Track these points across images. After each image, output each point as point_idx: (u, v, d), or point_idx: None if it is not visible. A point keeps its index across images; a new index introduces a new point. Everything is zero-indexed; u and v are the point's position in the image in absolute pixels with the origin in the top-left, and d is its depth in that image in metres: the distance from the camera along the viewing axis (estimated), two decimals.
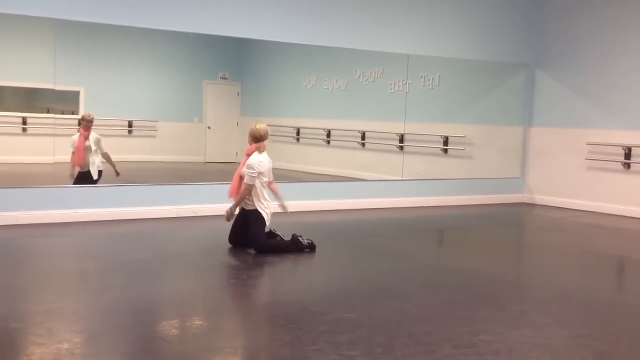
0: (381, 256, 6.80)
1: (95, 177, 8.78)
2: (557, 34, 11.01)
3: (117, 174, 8.91)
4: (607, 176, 10.38)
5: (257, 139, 6.51)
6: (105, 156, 8.93)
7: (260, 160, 6.43)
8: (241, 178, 6.49)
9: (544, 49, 11.17)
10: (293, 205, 8.61)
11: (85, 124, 8.96)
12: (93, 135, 8.94)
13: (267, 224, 6.49)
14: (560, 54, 10.97)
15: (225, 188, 7.19)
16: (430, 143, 11.49)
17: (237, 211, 6.57)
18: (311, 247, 6.57)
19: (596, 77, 10.52)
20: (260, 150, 6.50)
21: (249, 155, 6.54)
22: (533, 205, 11.24)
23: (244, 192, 6.39)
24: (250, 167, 6.39)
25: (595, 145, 10.45)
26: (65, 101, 11.22)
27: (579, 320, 4.72)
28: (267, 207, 6.47)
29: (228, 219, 6.59)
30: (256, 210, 6.42)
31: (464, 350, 3.90)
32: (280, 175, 6.68)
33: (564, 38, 10.93)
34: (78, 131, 9.09)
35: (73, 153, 8.92)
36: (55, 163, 9.45)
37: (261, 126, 6.59)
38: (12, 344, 3.91)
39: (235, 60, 13.81)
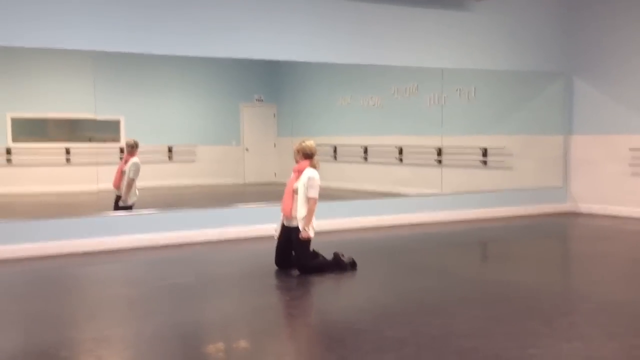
0: (423, 272, 6.75)
1: (127, 203, 8.88)
2: (593, 40, 10.86)
3: (123, 202, 8.90)
4: None
5: (309, 155, 6.56)
6: (128, 180, 8.97)
7: (318, 176, 6.48)
8: (293, 193, 6.50)
9: (580, 57, 11.03)
10: (332, 223, 8.64)
11: (129, 149, 9.12)
12: (132, 160, 9.07)
13: (303, 235, 6.45)
14: (597, 61, 10.82)
15: (266, 209, 7.27)
16: (469, 155, 11.40)
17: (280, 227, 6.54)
18: (352, 265, 6.56)
19: (634, 83, 10.33)
20: (316, 167, 6.55)
21: (299, 171, 6.54)
22: (578, 214, 11.04)
23: (313, 207, 6.42)
24: (314, 179, 6.42)
25: (638, 150, 10.24)
26: (106, 130, 11.47)
27: (629, 331, 4.60)
28: (311, 223, 6.48)
29: (307, 237, 6.45)
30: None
31: None
32: (320, 194, 6.68)
33: (600, 45, 10.78)
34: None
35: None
36: (99, 191, 9.65)
37: (311, 142, 6.64)
38: None
39: (270, 82, 13.95)
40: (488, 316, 4.98)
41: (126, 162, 9.10)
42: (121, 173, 9.04)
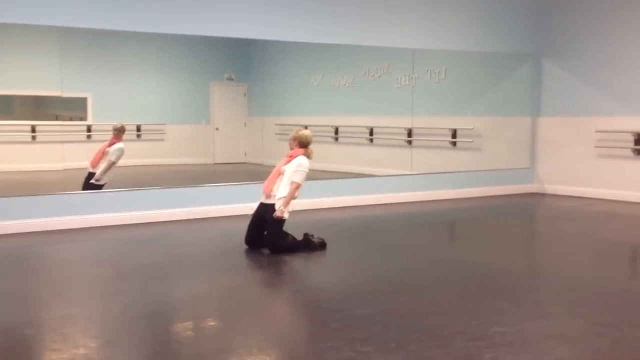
0: (392, 251, 6.80)
1: (100, 182, 8.80)
2: (562, 22, 10.96)
3: (96, 180, 8.85)
4: (618, 163, 10.33)
5: (305, 144, 6.65)
6: (109, 163, 8.90)
7: (307, 163, 6.55)
8: (279, 174, 6.53)
9: (550, 39, 11.12)
10: (303, 203, 8.64)
11: (116, 133, 9.03)
12: (118, 145, 8.96)
13: (278, 214, 6.44)
14: (566, 43, 10.92)
15: (236, 189, 7.24)
16: (438, 136, 11.47)
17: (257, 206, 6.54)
18: (322, 246, 6.59)
19: (603, 65, 10.46)
20: (309, 156, 6.62)
21: (291, 157, 6.60)
22: (544, 195, 11.20)
23: (294, 191, 6.43)
24: (303, 166, 6.48)
25: (604, 132, 10.41)
26: (73, 108, 11.29)
27: (593, 310, 4.70)
28: (292, 206, 6.50)
29: (281, 219, 6.43)
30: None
31: (477, 343, 3.90)
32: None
33: (569, 27, 10.87)
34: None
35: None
36: (64, 170, 9.51)
37: (308, 132, 6.76)
38: (29, 350, 3.94)
39: (241, 61, 13.84)
40: (455, 295, 5.05)
41: (111, 144, 8.97)
42: (103, 153, 8.92)
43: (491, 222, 9.07)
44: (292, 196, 6.44)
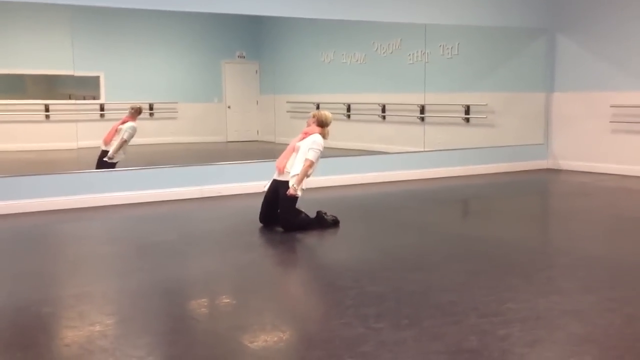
0: (405, 228, 6.80)
1: (113, 160, 8.88)
2: None
3: (109, 158, 8.90)
4: (632, 138, 10.24)
5: (323, 124, 6.64)
6: (121, 141, 8.94)
7: (322, 142, 6.53)
8: (293, 151, 6.52)
9: (564, 13, 10.97)
10: (315, 180, 8.63)
11: (132, 112, 9.10)
12: (130, 123, 9.03)
13: (292, 191, 6.41)
14: (581, 18, 10.77)
15: (248, 167, 7.25)
16: (451, 113, 11.40)
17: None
18: (335, 224, 6.59)
19: (618, 39, 10.32)
20: (324, 136, 6.60)
21: (307, 133, 6.58)
22: (558, 170, 11.13)
23: (307, 169, 6.40)
24: (318, 144, 6.46)
25: (619, 107, 10.30)
26: (86, 87, 11.31)
27: (606, 285, 4.69)
28: (305, 184, 6.47)
29: (294, 196, 6.41)
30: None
31: (490, 319, 3.90)
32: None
33: (584, 1, 10.72)
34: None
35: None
36: (79, 149, 9.56)
37: (329, 113, 6.75)
38: (46, 328, 4.00)
39: (252, 39, 13.78)
40: (468, 271, 5.05)
41: (123, 122, 9.03)
42: (116, 131, 8.98)
43: (504, 198, 9.03)
44: (305, 174, 6.42)
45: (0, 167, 9.64)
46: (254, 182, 8.40)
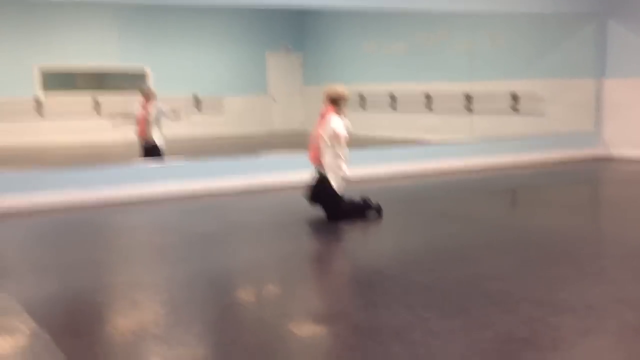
0: (453, 219, 6.74)
1: (162, 151, 9.05)
2: None
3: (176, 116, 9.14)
4: None
5: (334, 100, 6.29)
6: (170, 114, 9.20)
7: (342, 125, 6.26)
8: (318, 139, 6.35)
9: None
10: (360, 171, 8.62)
11: (145, 96, 9.17)
12: (154, 106, 9.13)
13: (337, 187, 6.39)
14: (632, 2, 10.47)
15: (294, 158, 7.27)
16: (499, 102, 11.23)
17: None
18: (378, 211, 6.52)
19: None
20: (341, 113, 6.32)
21: (323, 116, 6.35)
22: (610, 159, 10.87)
23: (338, 162, 6.27)
24: (337, 133, 6.20)
25: None
26: (134, 80, 11.51)
27: None
28: (338, 172, 6.36)
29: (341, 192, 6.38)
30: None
31: (542, 308, 3.84)
32: (348, 143, 6.64)
33: None
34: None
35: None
36: (128, 141, 9.73)
37: (338, 87, 6.34)
38: (99, 316, 4.09)
39: (296, 31, 13.80)
40: (517, 261, 4.98)
41: (145, 109, 9.13)
42: (144, 121, 9.12)
43: (555, 187, 8.86)
44: (338, 168, 6.30)
45: (54, 159, 9.90)
46: (298, 172, 8.44)
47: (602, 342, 3.44)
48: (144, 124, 9.11)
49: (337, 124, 6.27)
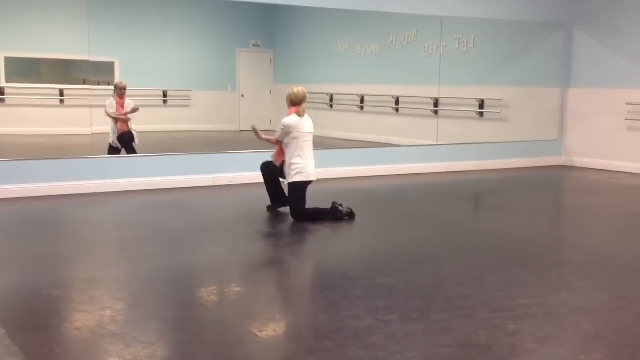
0: (417, 222, 6.78)
1: (136, 140, 8.97)
2: None
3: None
4: None
5: (294, 102, 6.43)
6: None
7: (292, 120, 6.36)
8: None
9: (582, 8, 10.86)
10: (327, 172, 8.63)
11: (120, 92, 9.04)
12: (128, 103, 9.04)
13: (287, 180, 6.44)
14: (599, 13, 10.66)
15: (261, 156, 7.24)
16: (465, 107, 11.34)
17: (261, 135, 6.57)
18: (350, 216, 6.53)
19: (636, 36, 10.20)
20: (300, 114, 6.42)
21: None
22: (572, 167, 11.06)
23: (272, 139, 6.49)
24: (282, 124, 6.37)
25: (635, 105, 10.19)
26: (100, 72, 11.34)
27: (618, 284, 4.66)
28: (296, 168, 6.37)
29: (255, 132, 6.53)
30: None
31: (501, 314, 3.89)
32: (315, 142, 6.65)
33: None
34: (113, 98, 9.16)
35: (113, 118, 9.05)
36: (93, 134, 9.59)
37: (298, 89, 6.47)
38: (57, 311, 4.02)
39: (268, 27, 13.74)
40: (479, 266, 5.03)
41: (122, 106, 9.02)
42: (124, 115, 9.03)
43: (517, 193, 8.99)
44: (269, 141, 6.49)
45: (15, 150, 9.70)
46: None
47: (560, 350, 3.49)
48: (124, 120, 9.02)
49: (289, 118, 6.39)
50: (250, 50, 13.80)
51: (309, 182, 6.47)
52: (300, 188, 6.42)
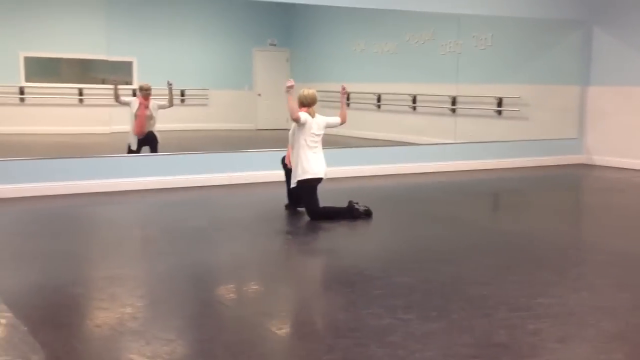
0: (435, 220, 6.76)
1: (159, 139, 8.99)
2: None
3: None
4: None
5: (305, 104, 6.47)
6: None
7: (307, 116, 6.37)
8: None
9: (602, 5, 10.75)
10: (344, 170, 8.62)
11: (145, 93, 9.03)
12: (153, 104, 9.04)
13: (295, 179, 6.40)
14: (619, 10, 10.55)
15: (277, 154, 7.25)
16: (483, 105, 11.27)
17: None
18: (367, 214, 6.52)
19: None
20: (312, 115, 6.45)
21: None
22: (592, 166, 10.96)
23: (290, 102, 6.30)
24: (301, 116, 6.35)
25: None
26: (119, 72, 11.41)
27: (639, 283, 4.61)
28: (301, 167, 6.36)
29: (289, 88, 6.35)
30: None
31: (521, 314, 3.86)
32: (331, 141, 6.67)
33: None
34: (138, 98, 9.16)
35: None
36: (111, 133, 9.65)
37: (309, 92, 6.52)
38: (78, 308, 4.05)
39: (284, 27, 13.75)
40: (498, 265, 5.00)
41: (146, 107, 9.00)
42: (145, 119, 9.01)
43: (537, 192, 8.92)
44: (289, 106, 6.31)
45: (35, 149, 9.79)
46: (282, 170, 8.42)
47: (581, 349, 3.46)
48: (143, 121, 9.03)
49: (304, 113, 6.38)
50: (266, 49, 13.81)
51: (318, 180, 6.45)
52: (308, 187, 6.41)
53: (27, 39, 11.37)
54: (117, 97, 9.00)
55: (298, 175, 6.39)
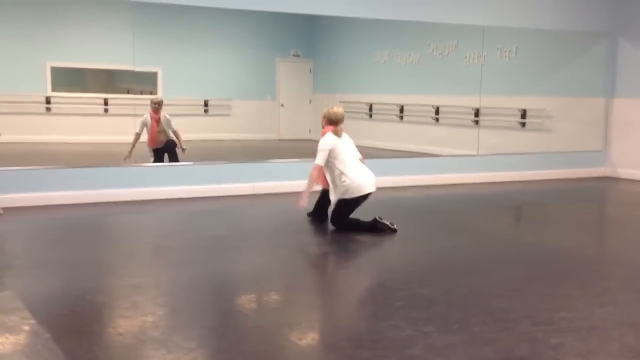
0: (457, 232, 6.72)
1: (183, 146, 9.18)
2: None
3: (183, 149, 9.19)
4: None
5: (333, 122, 6.44)
6: (175, 134, 9.25)
7: (329, 140, 6.34)
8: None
9: (627, 17, 10.66)
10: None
11: (155, 107, 9.28)
12: (163, 117, 9.25)
13: (333, 198, 6.37)
14: None
15: (300, 165, 7.29)
16: (507, 117, 11.21)
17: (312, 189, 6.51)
18: (391, 230, 6.42)
19: None
20: (338, 134, 6.42)
21: (323, 134, 6.49)
22: (617, 179, 10.83)
23: (314, 172, 6.30)
24: (322, 145, 6.33)
25: None
26: (144, 82, 11.55)
27: None
28: (343, 186, 6.31)
29: (302, 205, 6.30)
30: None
31: (543, 328, 3.82)
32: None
33: None
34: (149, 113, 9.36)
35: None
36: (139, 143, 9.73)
37: (337, 109, 6.49)
38: (100, 316, 4.09)
39: (307, 37, 13.82)
40: (521, 278, 4.96)
41: (157, 121, 9.21)
42: (156, 132, 9.19)
43: (560, 205, 8.84)
44: (311, 179, 6.31)
45: (60, 158, 9.92)
46: (305, 180, 8.44)
47: None
48: (154, 134, 9.19)
49: (323, 140, 6.37)
50: (290, 60, 13.88)
51: (365, 196, 6.39)
52: (350, 203, 6.35)
53: (53, 50, 11.55)
54: (134, 142, 9.16)
55: (339, 195, 6.32)
